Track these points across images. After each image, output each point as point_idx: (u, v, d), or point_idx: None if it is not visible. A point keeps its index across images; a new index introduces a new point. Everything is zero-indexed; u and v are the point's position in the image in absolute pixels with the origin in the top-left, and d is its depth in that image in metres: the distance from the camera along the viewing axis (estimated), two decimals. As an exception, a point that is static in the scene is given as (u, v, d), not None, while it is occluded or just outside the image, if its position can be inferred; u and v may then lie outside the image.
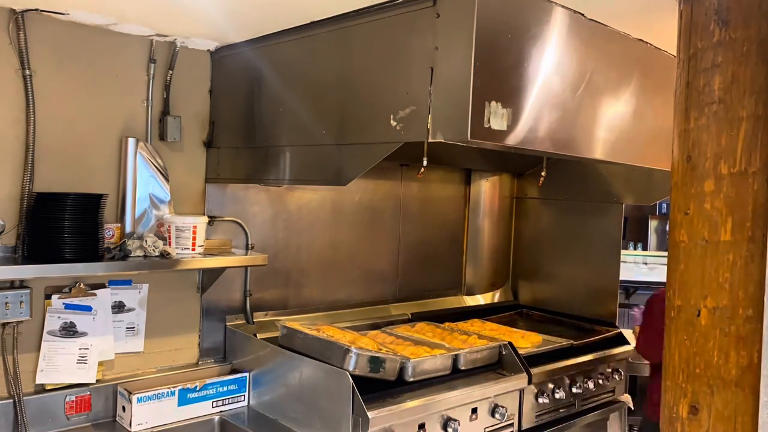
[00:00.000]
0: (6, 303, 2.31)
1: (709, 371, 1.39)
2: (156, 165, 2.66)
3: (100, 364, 2.54)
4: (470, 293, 4.04)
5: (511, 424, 2.76)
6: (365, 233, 3.46)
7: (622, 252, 3.81)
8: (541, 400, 2.87)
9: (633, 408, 3.39)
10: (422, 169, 2.38)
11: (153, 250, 2.46)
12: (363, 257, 3.46)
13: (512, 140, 2.02)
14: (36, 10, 2.34)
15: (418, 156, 2.39)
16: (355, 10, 2.18)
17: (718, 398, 1.38)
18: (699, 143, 1.43)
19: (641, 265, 7.45)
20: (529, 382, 2.77)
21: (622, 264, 3.76)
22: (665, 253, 1.60)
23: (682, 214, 1.45)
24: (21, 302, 2.34)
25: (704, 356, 1.40)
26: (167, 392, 2.54)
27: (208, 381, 2.66)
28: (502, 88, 1.97)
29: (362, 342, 2.66)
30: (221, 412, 2.67)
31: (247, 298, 2.96)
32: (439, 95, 1.94)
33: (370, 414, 2.23)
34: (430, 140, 1.96)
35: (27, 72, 2.37)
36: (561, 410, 3.01)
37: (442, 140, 1.93)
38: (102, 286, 2.57)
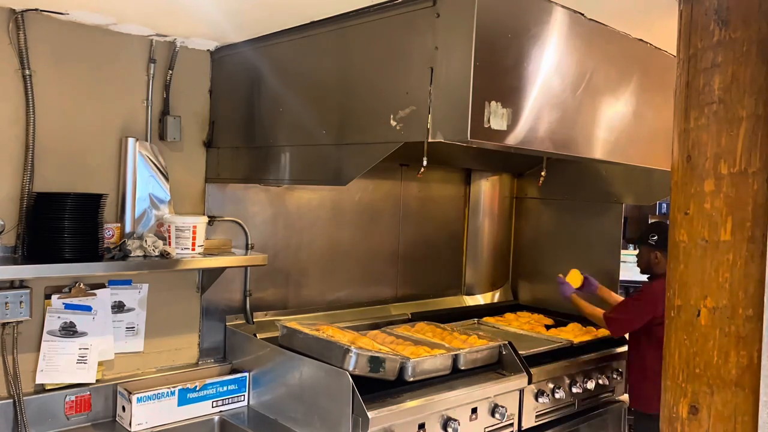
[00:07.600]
0: (6, 303, 2.31)
1: (709, 371, 1.39)
2: (156, 165, 2.66)
3: (100, 364, 2.54)
4: (470, 293, 4.04)
5: (511, 424, 2.76)
6: (365, 233, 3.46)
7: (622, 252, 3.82)
8: (541, 400, 2.87)
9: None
10: (422, 169, 2.38)
11: (153, 250, 2.46)
12: (363, 257, 3.46)
13: (512, 140, 2.02)
14: (36, 10, 2.33)
15: (418, 156, 2.39)
16: (354, 10, 2.18)
17: (718, 398, 1.38)
18: (699, 143, 1.42)
19: (641, 265, 7.42)
20: (529, 382, 2.77)
21: (622, 264, 3.77)
22: (665, 253, 1.60)
23: (682, 214, 1.45)
24: (21, 302, 2.34)
25: (704, 356, 1.40)
26: (167, 392, 2.54)
27: (208, 381, 2.65)
28: (502, 88, 1.97)
29: (362, 342, 2.66)
30: (221, 412, 2.67)
31: (247, 298, 2.96)
32: (439, 95, 1.94)
33: (370, 414, 2.23)
34: (430, 140, 1.96)
35: (27, 72, 2.36)
36: (561, 410, 3.01)
37: (442, 140, 1.93)
38: (102, 286, 2.57)
